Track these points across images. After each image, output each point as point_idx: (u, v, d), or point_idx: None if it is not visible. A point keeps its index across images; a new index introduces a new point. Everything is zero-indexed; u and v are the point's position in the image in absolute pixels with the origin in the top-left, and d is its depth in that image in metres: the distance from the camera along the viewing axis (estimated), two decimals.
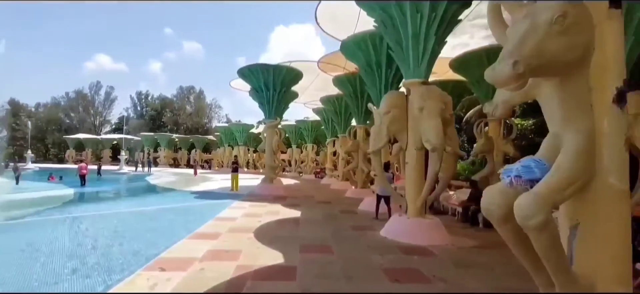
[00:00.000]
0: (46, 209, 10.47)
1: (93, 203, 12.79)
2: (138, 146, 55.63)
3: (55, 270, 4.58)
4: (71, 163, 48.91)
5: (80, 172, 17.55)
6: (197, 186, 19.80)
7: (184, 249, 5.59)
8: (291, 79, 16.71)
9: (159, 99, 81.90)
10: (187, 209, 10.80)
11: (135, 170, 37.50)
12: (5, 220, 8.40)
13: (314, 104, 24.93)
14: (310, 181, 26.83)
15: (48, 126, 67.85)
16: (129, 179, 27.20)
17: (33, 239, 6.27)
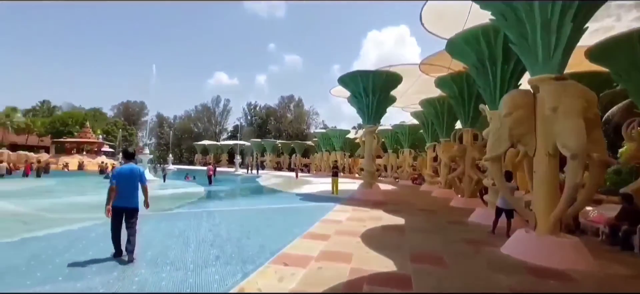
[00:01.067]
0: (186, 203, 12.73)
1: (219, 200, 14.94)
2: (248, 151, 62.60)
3: (203, 255, 5.51)
4: (198, 165, 58.23)
5: (208, 173, 20.80)
6: (300, 188, 21.19)
7: (300, 247, 6.06)
8: (390, 83, 16.51)
9: (264, 109, 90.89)
10: (295, 209, 11.66)
11: (247, 172, 42.25)
12: (157, 211, 10.48)
13: (412, 108, 24.05)
14: (408, 187, 25.88)
15: (182, 134, 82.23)
16: (242, 180, 30.86)
17: (182, 228, 7.68)
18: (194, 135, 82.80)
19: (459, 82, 14.31)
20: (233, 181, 28.17)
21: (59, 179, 23.70)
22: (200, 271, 4.70)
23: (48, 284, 4.07)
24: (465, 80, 13.90)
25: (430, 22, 11.27)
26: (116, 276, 4.42)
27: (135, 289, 4.03)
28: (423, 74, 16.57)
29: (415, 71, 16.73)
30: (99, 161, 41.49)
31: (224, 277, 4.50)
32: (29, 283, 4.11)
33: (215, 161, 59.31)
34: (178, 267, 4.87)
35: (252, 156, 60.23)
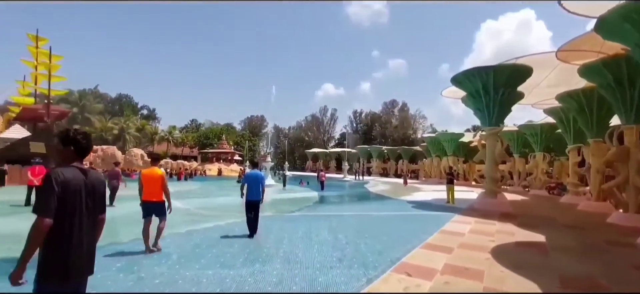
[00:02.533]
0: (304, 207, 13.78)
1: (333, 205, 15.69)
2: (355, 157, 63.81)
3: (326, 256, 5.87)
4: (308, 171, 62.39)
5: (320, 179, 22.13)
6: (410, 195, 20.42)
7: (421, 258, 5.84)
8: (517, 78, 14.46)
9: (369, 115, 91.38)
10: (409, 217, 11.30)
11: (355, 178, 43.08)
12: (282, 213, 11.64)
13: (545, 104, 20.43)
14: (542, 197, 21.96)
15: (295, 143, 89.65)
16: (351, 186, 31.61)
17: (304, 230, 8.35)
18: (305, 143, 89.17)
19: (615, 67, 11.53)
20: (342, 187, 29.14)
21: (202, 183, 28.90)
22: (327, 272, 5.02)
23: (209, 270, 5.00)
24: (626, 64, 11.10)
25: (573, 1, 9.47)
26: (258, 269, 5.11)
27: (275, 282, 4.58)
28: (560, 63, 13.98)
29: (549, 61, 14.24)
30: (235, 167, 48.90)
31: (349, 280, 4.70)
32: (198, 268, 5.13)
33: (325, 168, 62.37)
34: (307, 266, 5.32)
35: (358, 163, 61.18)
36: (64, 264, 2.22)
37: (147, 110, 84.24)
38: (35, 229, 2.11)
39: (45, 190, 2.17)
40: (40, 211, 2.13)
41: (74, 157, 2.40)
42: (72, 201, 2.25)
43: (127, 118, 63.31)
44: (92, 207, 2.41)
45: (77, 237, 2.28)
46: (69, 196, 2.23)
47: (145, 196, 5.94)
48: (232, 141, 69.94)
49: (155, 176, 5.95)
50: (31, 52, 24.09)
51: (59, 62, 24.83)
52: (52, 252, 2.19)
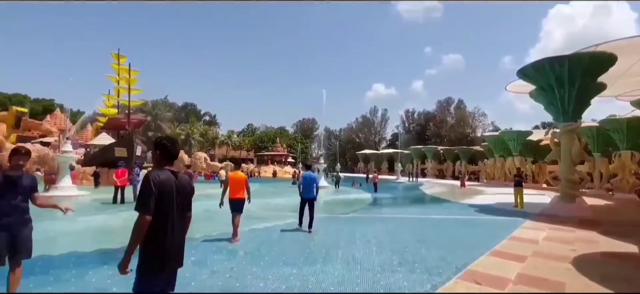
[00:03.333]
0: (359, 208, 13.72)
1: (387, 207, 15.40)
2: (408, 158, 61.85)
3: (386, 259, 5.79)
4: (359, 173, 61.92)
5: (374, 180, 21.87)
6: (471, 198, 19.21)
7: (490, 266, 5.47)
8: (597, 67, 12.87)
9: (422, 115, 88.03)
10: (471, 222, 10.66)
11: (409, 180, 41.74)
12: (338, 214, 11.71)
13: (633, 95, 17.85)
14: (631, 202, 19.13)
15: (346, 144, 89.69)
16: (405, 188, 30.70)
17: (361, 231, 8.32)
18: (356, 145, 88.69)
19: None
20: (395, 189, 28.44)
21: (260, 184, 30.27)
22: (388, 275, 4.95)
23: (274, 267, 5.23)
24: None
25: None
26: (320, 269, 5.23)
27: (336, 282, 4.65)
28: None
29: (636, 46, 12.42)
30: (288, 169, 50.51)
31: (413, 284, 4.58)
32: (263, 265, 5.40)
33: (377, 169, 61.42)
34: (367, 268, 5.30)
35: (412, 164, 59.18)
36: (160, 257, 2.50)
37: (209, 116, 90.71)
38: (137, 226, 2.40)
39: (145, 191, 2.45)
40: (142, 209, 2.41)
41: (164, 161, 2.70)
42: (166, 200, 2.53)
43: (192, 124, 68.83)
44: (182, 205, 2.69)
45: (171, 232, 2.56)
46: (164, 196, 2.52)
47: (232, 194, 7.03)
48: (285, 143, 72.23)
49: (239, 178, 7.13)
50: (114, 68, 27.51)
51: (136, 76, 28.00)
52: (151, 245, 2.47)
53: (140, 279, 2.47)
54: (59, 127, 43.90)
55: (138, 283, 2.48)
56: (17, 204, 3.61)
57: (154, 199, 2.45)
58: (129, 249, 2.41)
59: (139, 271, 2.48)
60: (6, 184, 3.55)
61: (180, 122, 72.09)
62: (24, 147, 3.90)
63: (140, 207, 2.42)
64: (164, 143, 2.71)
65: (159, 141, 2.75)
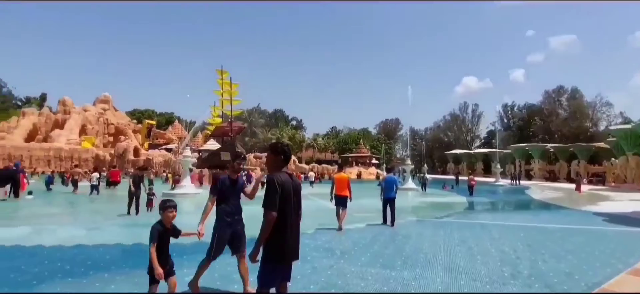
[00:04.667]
0: (453, 213, 12.84)
1: (487, 212, 14.07)
2: (508, 158, 55.27)
3: (494, 270, 5.31)
4: (451, 175, 57.69)
5: (469, 183, 20.21)
6: (595, 205, 16.19)
7: (632, 286, 4.57)
8: None
9: (524, 108, 77.77)
10: (600, 233, 9.00)
11: (513, 183, 37.15)
12: (431, 218, 11.17)
13: None
14: None
15: (433, 144, 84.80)
16: (507, 191, 27.49)
17: (460, 237, 7.79)
18: (445, 144, 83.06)
19: None
20: (495, 193, 25.69)
21: None
22: (500, 287, 4.54)
23: (372, 268, 5.30)
24: None
25: None
26: (420, 274, 5.10)
27: (441, 289, 4.47)
28: None
29: None
30: (372, 170, 50.35)
31: None
32: (360, 265, 5.52)
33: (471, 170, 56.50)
34: (474, 277, 4.95)
35: (513, 164, 52.65)
36: (282, 249, 2.80)
37: (296, 121, 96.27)
38: (266, 221, 2.71)
39: (271, 190, 2.76)
40: (269, 206, 2.71)
41: (282, 164, 3.01)
42: (286, 199, 2.82)
43: (281, 129, 74.01)
44: (296, 204, 2.97)
45: (290, 228, 2.85)
46: (285, 195, 2.81)
47: (337, 191, 8.58)
48: (368, 145, 71.99)
49: (343, 178, 8.84)
50: (218, 83, 31.45)
51: (236, 88, 31.63)
52: (275, 239, 2.77)
53: (265, 267, 2.80)
54: (178, 136, 52.25)
55: (263, 271, 2.81)
56: (238, 204, 4.05)
57: (278, 197, 2.74)
58: (259, 241, 2.75)
59: (264, 261, 2.80)
60: (232, 187, 4.00)
61: (271, 128, 78.23)
62: (243, 152, 4.77)
63: (268, 205, 2.72)
64: (285, 149, 3.04)
65: (281, 147, 3.06)
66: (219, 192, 3.94)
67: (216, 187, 3.98)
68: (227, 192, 3.94)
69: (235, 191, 4.02)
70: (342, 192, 8.60)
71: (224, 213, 3.92)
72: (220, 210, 3.94)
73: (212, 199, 3.96)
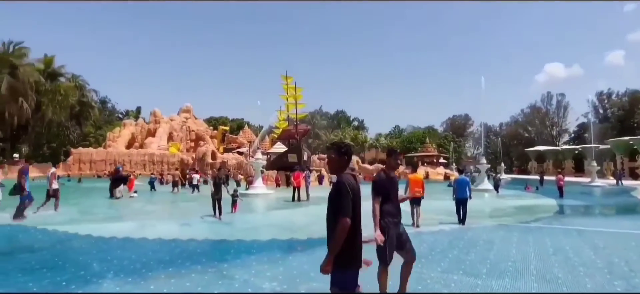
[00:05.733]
0: (542, 217, 11.45)
1: (584, 217, 12.32)
2: (607, 154, 47.65)
3: (605, 284, 4.61)
4: (533, 174, 51.67)
5: (558, 183, 17.90)
6: None
7: None
8: None
9: (625, 96, 66.35)
10: None
11: (617, 183, 31.84)
12: (507, 223, 10.11)
13: None
14: None
15: (510, 141, 77.11)
16: (606, 193, 23.68)
17: (554, 245, 6.91)
18: (525, 141, 74.87)
19: None
20: (591, 194, 22.29)
21: None
22: None
23: (454, 275, 5.00)
24: None
25: None
26: (510, 284, 4.65)
27: None
28: None
29: None
30: (440, 170, 47.76)
31: None
32: (440, 271, 5.25)
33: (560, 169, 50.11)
34: (579, 291, 4.37)
35: (614, 161, 45.16)
36: (356, 253, 2.67)
37: (358, 121, 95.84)
38: (341, 228, 2.54)
39: (344, 194, 2.61)
40: (345, 213, 2.56)
41: (346, 165, 2.87)
42: (356, 202, 2.69)
43: (343, 130, 74.35)
44: (359, 206, 2.77)
45: (359, 232, 2.72)
46: (355, 198, 2.68)
47: (412, 191, 8.79)
48: (434, 143, 68.35)
49: (417, 178, 9.35)
50: (284, 88, 32.91)
51: (301, 93, 32.74)
52: (348, 244, 2.61)
53: (341, 275, 2.63)
54: (248, 140, 55.95)
55: (339, 278, 2.63)
56: (398, 203, 3.80)
57: (351, 202, 2.61)
58: (334, 249, 2.53)
59: (338, 267, 2.61)
60: (391, 184, 3.71)
61: (333, 129, 79.08)
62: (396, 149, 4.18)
63: (344, 211, 2.57)
64: (350, 150, 2.92)
65: (344, 146, 2.92)
66: (380, 192, 3.64)
67: (377, 186, 3.67)
68: (387, 191, 3.68)
69: (394, 189, 3.77)
70: (416, 193, 8.93)
71: (388, 214, 3.63)
72: (383, 211, 3.63)
73: (378, 199, 3.63)
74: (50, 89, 43.06)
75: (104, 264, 5.54)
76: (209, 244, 7.23)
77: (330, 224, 2.69)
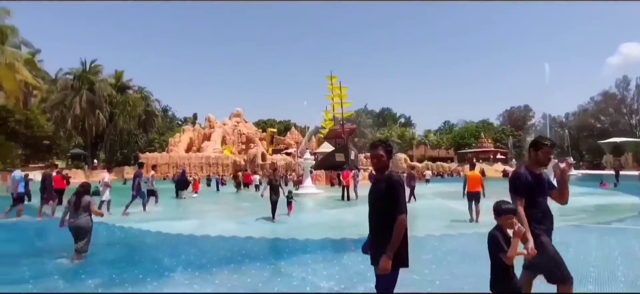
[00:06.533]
0: (625, 217, 10.09)
1: None
2: None
3: None
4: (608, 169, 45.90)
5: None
6: None
7: None
8: None
9: None
10: None
11: None
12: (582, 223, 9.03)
13: None
14: None
15: (579, 133, 69.38)
16: None
17: None
18: (597, 132, 66.84)
19: None
20: None
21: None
22: None
23: None
24: None
25: None
26: (593, 291, 4.16)
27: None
28: None
29: None
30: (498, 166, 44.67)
31: None
32: None
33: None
34: None
35: None
36: (407, 253, 2.62)
37: (404, 118, 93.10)
38: (402, 224, 2.51)
39: (402, 191, 2.61)
40: (403, 209, 2.54)
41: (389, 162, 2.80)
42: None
43: (389, 128, 72.70)
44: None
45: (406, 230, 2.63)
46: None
47: (470, 188, 9.34)
48: (490, 138, 63.85)
49: (476, 176, 9.64)
50: (329, 89, 33.13)
51: (346, 91, 32.76)
52: (404, 241, 2.58)
53: (394, 274, 2.58)
54: (295, 141, 57.25)
55: (393, 278, 2.58)
56: (547, 205, 3.08)
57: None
58: (394, 246, 2.50)
59: (396, 266, 2.56)
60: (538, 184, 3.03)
61: (378, 127, 77.69)
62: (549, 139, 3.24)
63: (402, 207, 2.54)
64: (391, 145, 2.94)
65: (389, 144, 2.89)
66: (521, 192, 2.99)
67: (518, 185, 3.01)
68: (533, 191, 3.00)
69: (542, 189, 3.06)
70: (475, 189, 9.30)
71: (535, 219, 2.94)
72: (530, 215, 2.93)
73: (521, 201, 2.96)
74: (121, 101, 48.04)
75: (173, 259, 5.99)
76: (265, 242, 7.48)
77: (378, 221, 2.66)
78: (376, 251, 2.63)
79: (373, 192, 2.75)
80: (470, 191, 9.39)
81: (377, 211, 2.67)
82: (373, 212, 2.73)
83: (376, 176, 2.83)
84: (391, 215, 2.53)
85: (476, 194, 9.29)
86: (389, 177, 2.65)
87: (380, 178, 2.72)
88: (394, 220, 2.51)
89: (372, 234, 2.75)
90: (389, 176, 2.66)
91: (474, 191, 9.32)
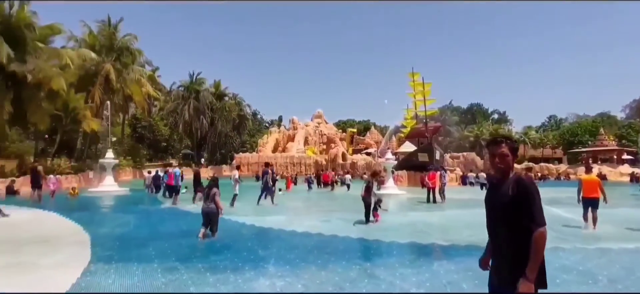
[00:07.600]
0: None
1: None
2: None
3: None
4: None
5: None
6: None
7: None
8: None
9: None
10: None
11: None
12: None
13: None
14: None
15: None
16: None
17: None
18: None
19: None
20: None
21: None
22: None
23: None
24: None
25: None
26: None
27: None
28: None
29: None
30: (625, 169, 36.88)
31: None
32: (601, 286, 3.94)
33: None
34: None
35: None
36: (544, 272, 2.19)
37: (498, 114, 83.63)
38: (541, 240, 2.10)
39: (539, 200, 2.17)
40: (543, 221, 2.13)
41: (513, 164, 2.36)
42: None
43: (480, 125, 66.10)
44: None
45: None
46: None
47: (586, 193, 8.42)
48: (612, 134, 52.82)
49: (593, 180, 8.57)
50: (411, 86, 31.73)
51: (429, 88, 30.92)
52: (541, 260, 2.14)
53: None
54: (375, 141, 56.55)
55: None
56: None
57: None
58: (536, 267, 2.10)
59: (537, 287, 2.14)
60: None
61: (466, 124, 71.33)
62: None
63: (542, 218, 2.13)
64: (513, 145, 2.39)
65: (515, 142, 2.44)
66: None
67: None
68: None
69: None
70: (592, 195, 8.38)
71: None
72: None
73: None
74: (219, 107, 54.48)
75: (266, 251, 6.48)
76: (349, 241, 7.53)
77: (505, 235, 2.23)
78: (502, 271, 2.25)
79: (494, 199, 2.33)
80: (586, 196, 8.44)
81: (502, 223, 2.25)
82: (495, 223, 2.33)
83: (497, 178, 2.38)
84: (523, 227, 2.13)
85: (593, 200, 8.37)
86: (518, 180, 2.22)
87: (503, 181, 2.29)
88: (526, 234, 2.11)
89: (494, 250, 2.36)
90: (518, 178, 2.23)
91: (591, 197, 8.38)
